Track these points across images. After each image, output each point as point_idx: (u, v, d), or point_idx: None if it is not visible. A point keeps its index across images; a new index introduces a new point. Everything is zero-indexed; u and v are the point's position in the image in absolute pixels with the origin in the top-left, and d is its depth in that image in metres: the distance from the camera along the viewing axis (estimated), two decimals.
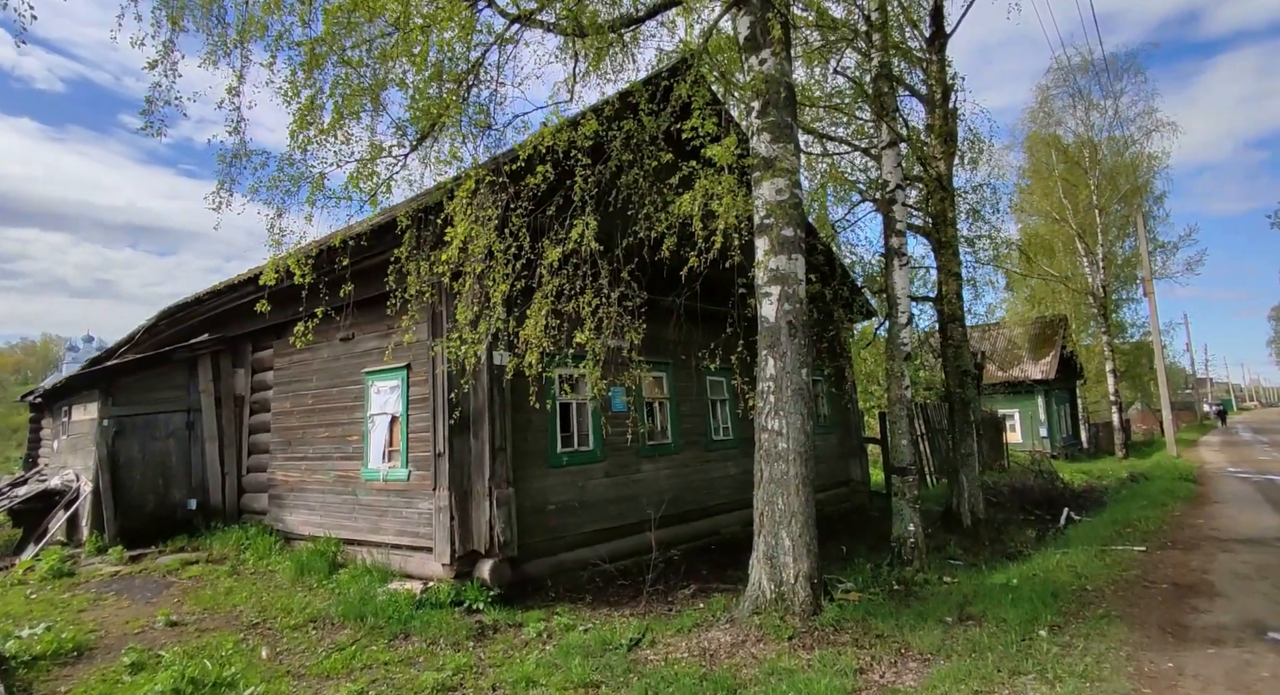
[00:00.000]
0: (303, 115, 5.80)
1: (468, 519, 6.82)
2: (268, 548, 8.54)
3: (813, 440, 5.94)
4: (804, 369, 5.91)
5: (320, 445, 8.77)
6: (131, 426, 9.23)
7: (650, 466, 9.15)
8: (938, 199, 11.36)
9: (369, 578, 7.15)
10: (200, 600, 6.89)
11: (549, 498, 7.66)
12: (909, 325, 8.09)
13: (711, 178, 5.29)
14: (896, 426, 8.05)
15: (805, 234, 6.41)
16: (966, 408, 11.11)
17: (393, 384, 7.86)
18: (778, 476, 5.82)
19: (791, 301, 5.93)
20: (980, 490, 11.02)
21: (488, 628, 6.03)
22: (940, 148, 11.65)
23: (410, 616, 6.12)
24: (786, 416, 5.83)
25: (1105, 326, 26.66)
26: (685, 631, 5.76)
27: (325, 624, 6.16)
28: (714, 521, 9.95)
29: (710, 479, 10.09)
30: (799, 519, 5.75)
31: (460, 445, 6.91)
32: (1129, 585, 6.42)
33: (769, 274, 5.99)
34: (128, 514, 9.00)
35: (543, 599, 6.96)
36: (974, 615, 5.77)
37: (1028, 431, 27.35)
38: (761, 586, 5.80)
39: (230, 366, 10.24)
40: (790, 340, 5.89)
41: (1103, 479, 17.73)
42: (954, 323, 11.39)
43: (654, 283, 8.16)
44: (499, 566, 6.72)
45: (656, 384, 9.57)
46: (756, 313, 6.14)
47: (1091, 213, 27.14)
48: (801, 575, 5.67)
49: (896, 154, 8.31)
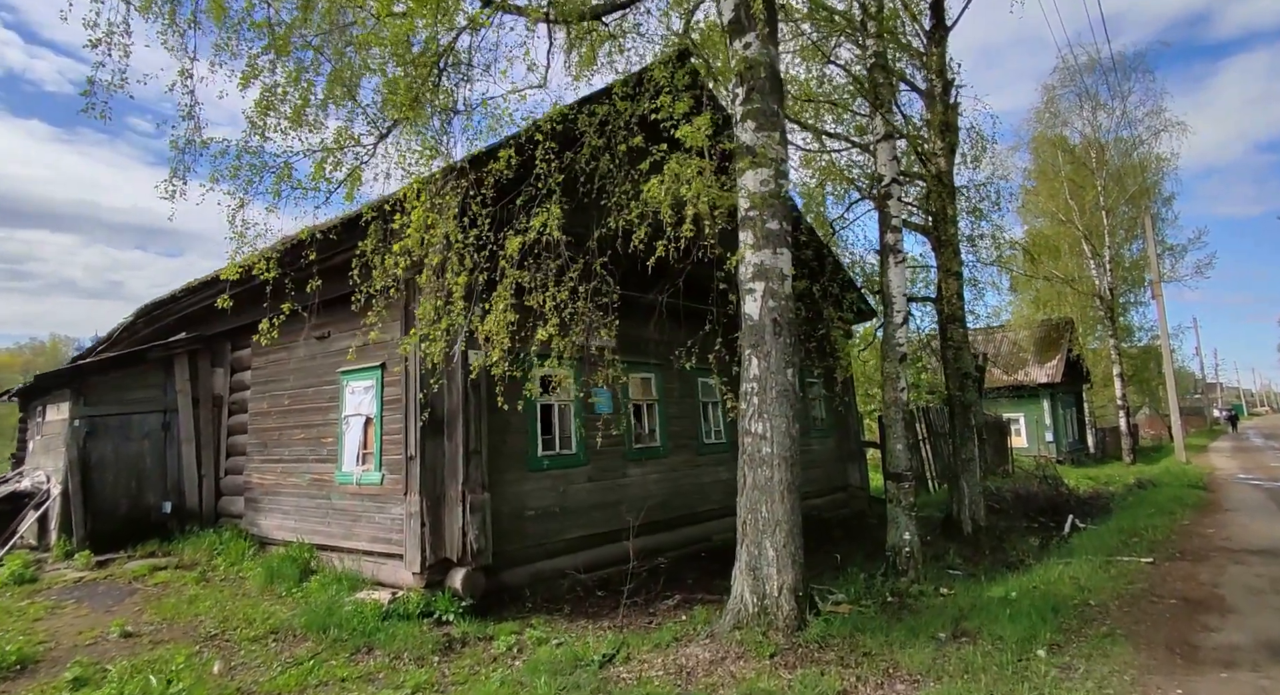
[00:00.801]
0: (264, 100, 5.53)
1: (440, 525, 6.52)
2: (240, 553, 8.27)
3: (798, 444, 5.63)
4: (789, 369, 5.60)
5: (296, 447, 8.50)
6: (104, 427, 8.98)
7: (637, 471, 8.84)
8: (938, 196, 11.02)
9: (338, 586, 6.86)
10: (162, 609, 6.61)
11: (528, 503, 7.36)
12: (905, 325, 7.76)
13: (682, 161, 4.98)
14: (892, 430, 7.72)
15: (792, 228, 6.10)
16: (967, 411, 10.75)
17: (367, 384, 7.58)
18: (761, 482, 5.51)
19: (776, 298, 5.62)
20: (982, 497, 10.66)
21: (456, 641, 5.73)
22: (940, 143, 11.31)
23: (376, 628, 5.83)
24: (770, 419, 5.51)
25: (1112, 330, 26.22)
26: (663, 647, 5.45)
27: (287, 636, 5.87)
28: (704, 528, 9.62)
29: (701, 484, 9.77)
30: (783, 528, 5.43)
31: (433, 448, 6.62)
32: (1135, 600, 6.06)
33: (752, 269, 5.68)
34: (98, 517, 8.75)
35: (519, 610, 6.65)
36: (969, 631, 5.44)
37: (1033, 436, 26.89)
38: (743, 599, 5.48)
39: (209, 366, 9.98)
40: (775, 339, 5.57)
41: (1109, 485, 17.31)
42: (954, 323, 11.03)
43: (636, 280, 7.86)
44: (472, 575, 6.42)
45: (644, 385, 9.27)
46: (739, 310, 5.83)
47: (1098, 214, 26.71)
48: (785, 588, 5.35)
49: (892, 147, 8.00)
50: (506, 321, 4.79)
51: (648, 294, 6.95)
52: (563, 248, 4.88)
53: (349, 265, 6.67)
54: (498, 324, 4.80)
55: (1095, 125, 26.80)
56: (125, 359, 9.32)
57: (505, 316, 4.79)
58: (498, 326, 4.80)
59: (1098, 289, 26.58)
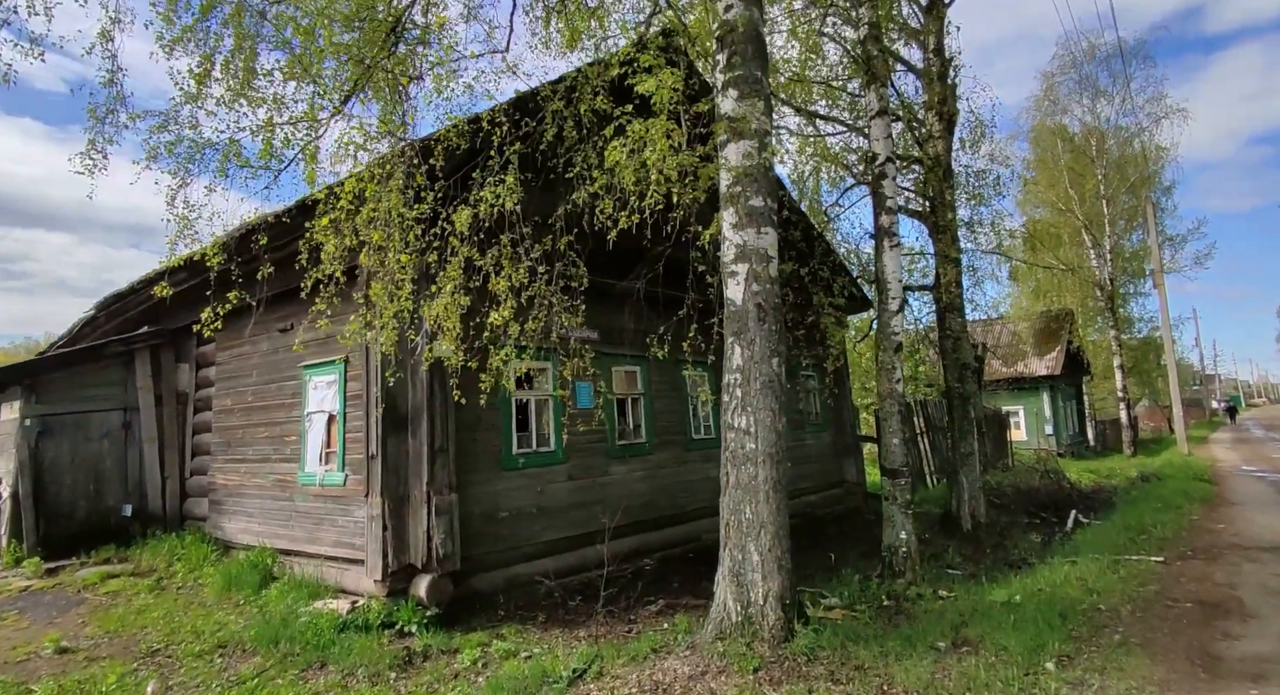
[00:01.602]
0: (202, 70, 5.06)
1: (403, 529, 6.08)
2: (200, 559, 7.83)
3: (785, 440, 5.19)
4: (775, 358, 5.16)
5: (260, 446, 8.06)
6: (59, 426, 8.53)
7: (621, 468, 8.41)
8: (935, 179, 10.59)
9: (297, 594, 6.42)
10: (108, 621, 6.18)
11: (501, 504, 6.92)
12: (901, 313, 7.33)
13: (649, 124, 4.52)
14: (888, 424, 7.29)
15: (778, 207, 5.65)
16: (966, 404, 10.33)
17: (329, 379, 7.13)
18: (745, 481, 5.08)
19: (761, 281, 5.18)
20: (982, 492, 10.26)
21: (416, 655, 5.30)
22: (938, 125, 10.87)
23: (331, 642, 5.40)
24: (755, 413, 5.08)
25: (1113, 320, 25.81)
26: (639, 660, 5.02)
27: (235, 651, 5.44)
28: (693, 527, 9.20)
29: (689, 481, 9.34)
30: (769, 530, 5.00)
31: (395, 446, 6.18)
32: (1148, 604, 5.64)
33: (735, 250, 5.23)
34: (53, 521, 8.30)
35: (490, 618, 6.23)
36: (970, 640, 5.02)
37: (1033, 429, 26.51)
38: (727, 608, 5.05)
39: (172, 361, 9.52)
40: (759, 326, 5.13)
41: (1111, 478, 16.93)
42: (952, 313, 10.61)
43: (616, 267, 7.42)
44: (438, 583, 5.98)
45: (628, 379, 8.83)
46: (721, 295, 5.39)
47: (1099, 203, 26.27)
48: (771, 595, 4.93)
49: (886, 125, 7.54)
50: (457, 305, 4.34)
51: (623, 280, 6.49)
52: (520, 222, 4.42)
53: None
54: (446, 308, 4.35)
55: (1095, 113, 26.35)
56: (81, 354, 8.86)
57: (455, 299, 4.35)
58: (447, 311, 4.36)
59: (1098, 279, 26.14)
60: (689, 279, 5.94)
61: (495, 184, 4.38)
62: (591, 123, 5.10)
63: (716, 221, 5.01)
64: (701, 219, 5.46)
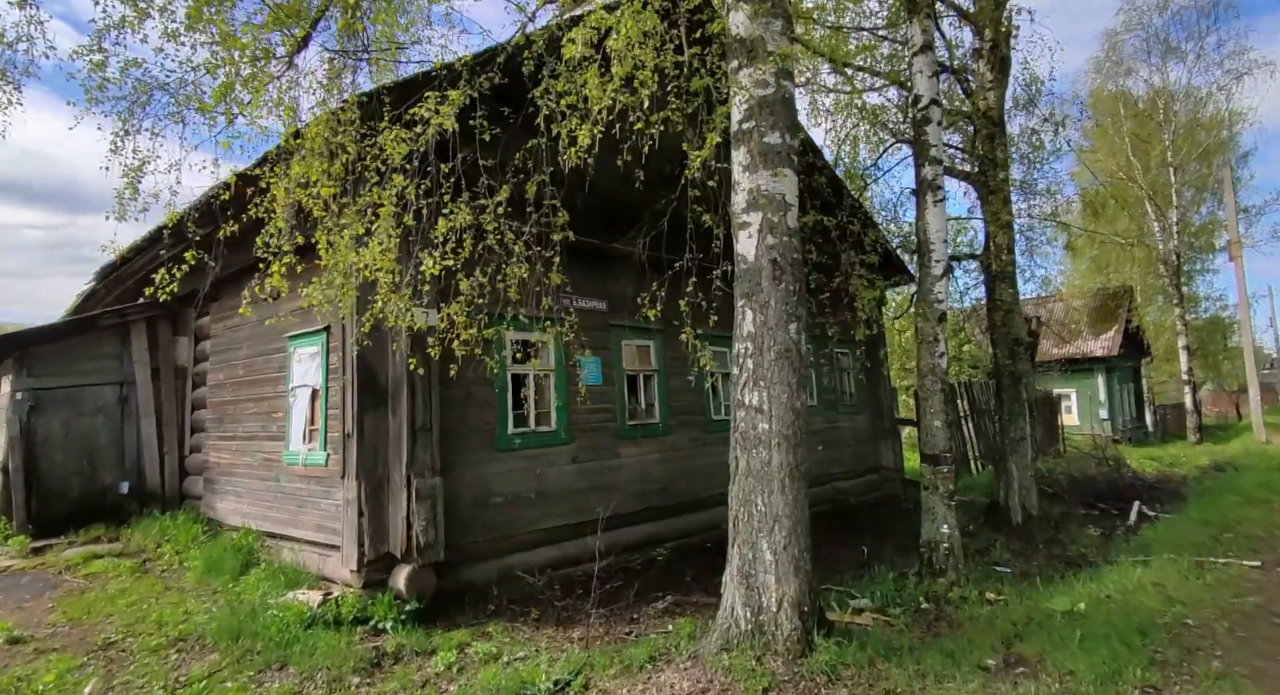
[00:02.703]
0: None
1: (381, 515, 5.52)
2: (189, 539, 7.46)
3: (806, 420, 4.42)
4: (793, 324, 4.38)
5: (248, 423, 7.62)
6: (52, 400, 8.24)
7: (632, 451, 7.74)
8: (985, 136, 9.52)
9: (273, 582, 5.95)
10: (75, 607, 5.80)
11: (495, 488, 6.32)
12: (946, 277, 6.42)
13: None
14: (929, 404, 6.44)
15: (800, 148, 4.82)
16: (1018, 384, 9.34)
17: (313, 351, 6.60)
18: (757, 468, 4.34)
19: (777, 233, 4.38)
20: (1034, 480, 9.29)
21: (387, 656, 4.75)
22: (989, 74, 9.76)
23: (295, 638, 4.89)
24: (768, 387, 4.32)
25: (1178, 298, 23.96)
26: (633, 671, 4.37)
27: (193, 645, 4.97)
28: (711, 515, 8.47)
29: (708, 465, 8.61)
30: (784, 524, 4.26)
31: (374, 424, 5.60)
32: (1248, 620, 4.72)
33: (747, 197, 4.44)
34: (46, 499, 8.04)
35: (477, 614, 5.65)
36: (1027, 659, 4.22)
37: (1086, 413, 24.95)
38: (734, 613, 4.35)
39: (170, 334, 9.17)
40: (774, 286, 4.35)
41: (1176, 467, 15.62)
42: (1003, 282, 9.59)
43: (621, 229, 6.70)
44: (418, 574, 5.42)
45: (641, 354, 8.11)
46: (732, 251, 4.62)
47: (1165, 172, 24.32)
48: (786, 601, 4.20)
49: (931, 62, 6.58)
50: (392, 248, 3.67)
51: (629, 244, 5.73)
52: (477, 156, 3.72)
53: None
54: (376, 255, 3.69)
55: (1164, 72, 24.25)
56: (74, 326, 8.55)
57: (390, 240, 3.67)
58: (378, 259, 3.69)
59: (1162, 253, 24.26)
60: (688, 230, 5.16)
61: (438, 102, 3.69)
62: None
63: (709, 143, 4.22)
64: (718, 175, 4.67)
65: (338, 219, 3.92)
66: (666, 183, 5.88)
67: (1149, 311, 27.50)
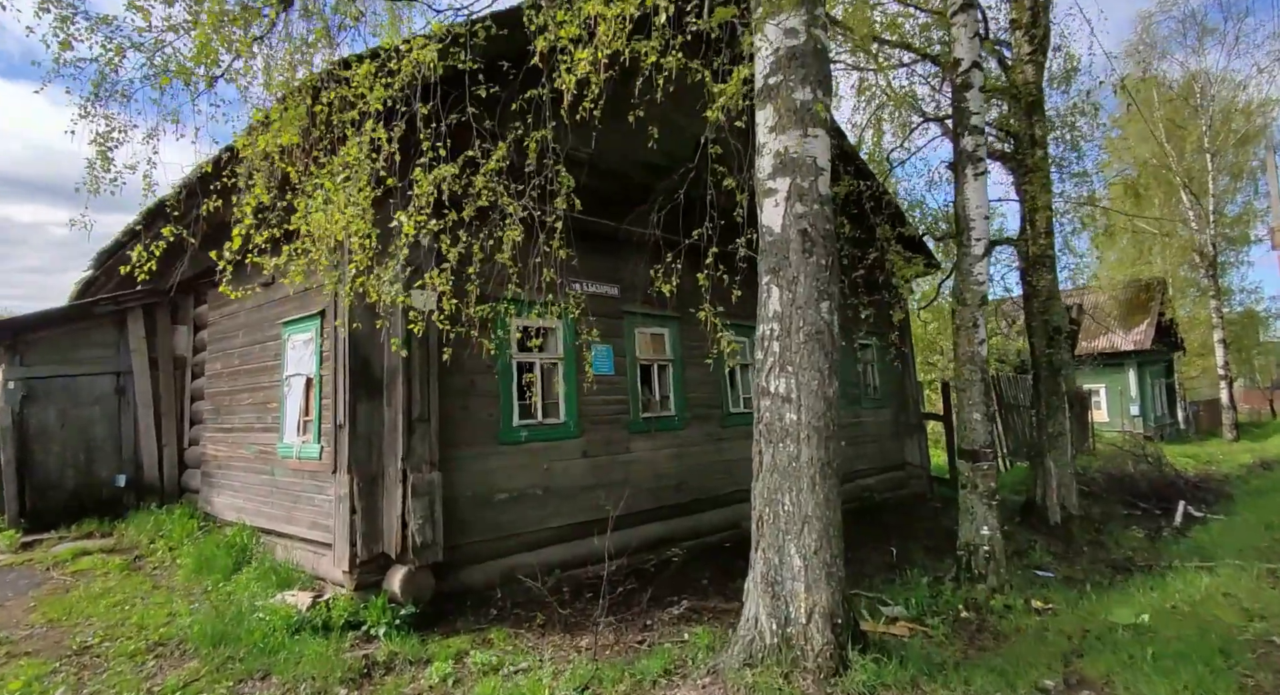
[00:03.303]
0: None
1: (375, 512, 5.14)
2: (183, 535, 7.15)
3: (837, 410, 3.96)
4: (825, 302, 3.91)
5: (244, 414, 7.29)
6: (46, 390, 7.98)
7: (645, 445, 7.30)
8: (1023, 111, 8.94)
9: (264, 583, 5.60)
10: (57, 606, 5.49)
11: (499, 484, 5.92)
12: (986, 257, 5.90)
13: None
14: (967, 396, 5.93)
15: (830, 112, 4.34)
16: (1056, 375, 8.79)
17: (307, 336, 6.23)
18: (783, 463, 3.88)
19: (807, 201, 3.92)
20: (1073, 478, 8.75)
21: (377, 666, 4.36)
22: (1026, 47, 9.18)
23: (281, 645, 4.53)
24: (797, 373, 3.86)
25: (1214, 290, 23.04)
26: (645, 685, 3.95)
27: (173, 651, 4.62)
28: (731, 513, 8.05)
29: (727, 461, 8.17)
30: (815, 526, 3.81)
31: (367, 414, 5.22)
32: None
33: (774, 160, 3.98)
34: (40, 492, 7.78)
35: (479, 618, 5.26)
36: (1091, 681, 3.74)
37: (1115, 409, 24.13)
38: (759, 624, 3.90)
39: (168, 322, 8.88)
40: (804, 259, 3.89)
41: (1215, 465, 14.92)
42: (1041, 268, 9.02)
43: (632, 208, 6.27)
44: (414, 576, 5.03)
45: (655, 342, 7.67)
46: (756, 222, 4.16)
47: (1201, 158, 23.36)
48: (818, 611, 3.75)
49: (973, 22, 6.04)
50: (366, 212, 3.24)
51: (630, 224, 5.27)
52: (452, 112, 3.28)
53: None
54: (348, 215, 3.27)
55: (1202, 54, 23.29)
56: (69, 313, 8.28)
57: (360, 195, 3.24)
58: (351, 220, 3.27)
59: (1197, 243, 23.34)
60: (710, 198, 4.69)
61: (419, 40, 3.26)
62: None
63: (735, 80, 3.75)
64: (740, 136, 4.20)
65: (305, 173, 3.52)
66: (681, 162, 5.43)
67: (1182, 304, 26.59)
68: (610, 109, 5.85)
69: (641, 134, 4.86)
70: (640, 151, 7.01)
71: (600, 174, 6.43)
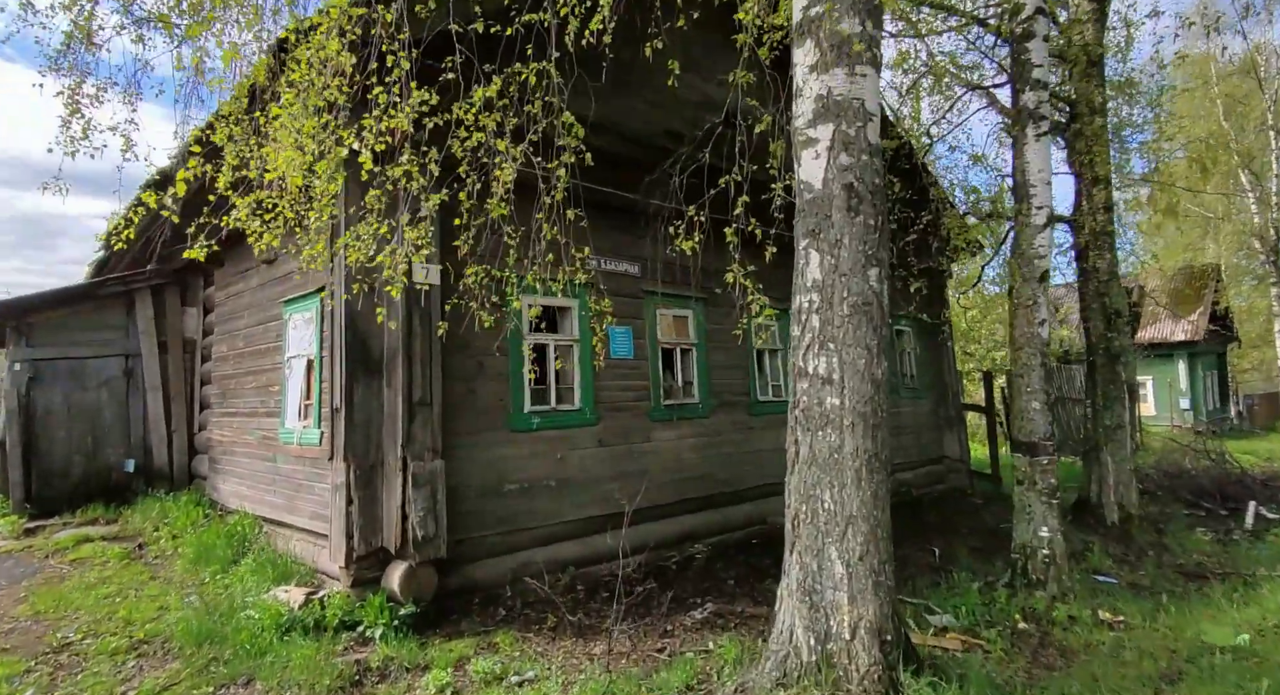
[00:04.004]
0: None
1: (373, 503, 4.76)
2: (187, 523, 6.89)
3: (885, 392, 3.43)
4: (874, 269, 3.38)
5: (248, 398, 6.99)
6: (52, 372, 7.77)
7: (667, 434, 6.83)
8: (1080, 71, 8.19)
9: (262, 575, 5.27)
10: (47, 598, 5.22)
11: (508, 474, 5.50)
12: (1049, 227, 5.28)
13: None
14: (1025, 381, 5.34)
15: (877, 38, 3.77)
16: (1115, 363, 8.09)
17: (307, 316, 5.87)
18: (824, 454, 3.37)
19: (853, 151, 3.38)
20: (1132, 475, 8.05)
21: (370, 673, 3.98)
22: (1086, 4, 8.42)
23: (269, 647, 4.17)
24: (840, 350, 3.34)
25: (1275, 276, 21.71)
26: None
27: (156, 651, 4.29)
28: (757, 507, 7.56)
29: (754, 452, 7.67)
30: (860, 528, 3.30)
31: (365, 397, 4.83)
32: None
33: (815, 104, 3.44)
34: (46, 477, 7.59)
35: (485, 620, 4.85)
36: None
37: (1164, 402, 23.02)
38: (795, 639, 3.41)
39: (178, 304, 8.63)
40: (849, 218, 3.35)
41: (1276, 462, 13.93)
42: (1100, 247, 8.30)
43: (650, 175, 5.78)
44: (415, 573, 4.64)
45: (678, 325, 7.17)
46: (794, 178, 3.63)
47: (1263, 136, 21.96)
48: (864, 627, 3.24)
49: None
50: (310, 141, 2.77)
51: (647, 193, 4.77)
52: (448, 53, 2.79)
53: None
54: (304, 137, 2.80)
55: (1271, 15, 21.75)
56: (76, 294, 8.06)
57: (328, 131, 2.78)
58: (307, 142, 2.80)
59: (1257, 227, 21.99)
60: (740, 146, 4.16)
61: None
62: None
63: (795, 76, 3.22)
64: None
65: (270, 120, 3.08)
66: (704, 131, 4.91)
67: (1237, 293, 25.22)
68: (628, 74, 5.35)
69: (660, 102, 4.39)
70: (660, 118, 6.51)
71: (618, 139, 5.95)
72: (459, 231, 3.50)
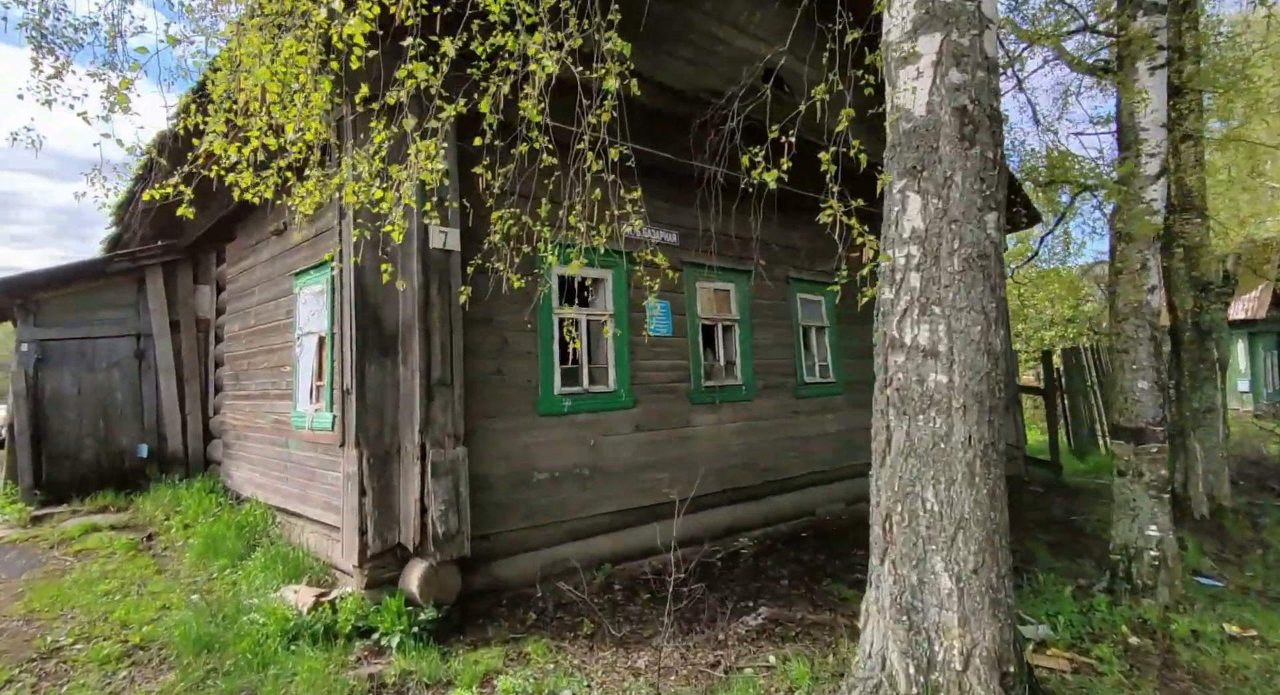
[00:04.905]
0: None
1: (389, 494, 4.25)
2: (200, 512, 6.50)
3: (1005, 368, 2.79)
4: (991, 214, 2.72)
5: (260, 379, 6.55)
6: (61, 353, 7.43)
7: (708, 418, 6.24)
8: (1173, 13, 7.28)
9: (272, 571, 4.83)
10: (46, 593, 4.84)
11: (538, 462, 4.96)
12: (1163, 178, 4.52)
13: None
14: (1129, 358, 4.62)
15: None
16: (1205, 340, 7.28)
17: (318, 288, 5.36)
18: (925, 444, 2.75)
19: (966, 66, 2.71)
20: (1224, 463, 7.27)
21: (385, 689, 3.48)
22: None
23: (273, 656, 3.70)
24: (949, 316, 2.70)
25: None
26: None
27: (151, 659, 3.85)
28: (805, 497, 6.97)
29: (801, 438, 7.06)
30: (975, 535, 2.68)
31: (379, 377, 4.30)
32: None
33: (917, 10, 2.77)
34: (56, 462, 7.28)
35: (514, 625, 4.34)
36: None
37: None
38: (887, 665, 2.82)
39: (190, 282, 8.22)
40: (962, 151, 2.69)
41: None
42: (1187, 212, 7.45)
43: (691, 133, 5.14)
44: (436, 573, 4.14)
45: (719, 300, 6.55)
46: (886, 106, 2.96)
47: None
48: (979, 654, 2.64)
49: None
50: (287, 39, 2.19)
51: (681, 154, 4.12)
52: None
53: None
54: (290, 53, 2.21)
55: None
56: (84, 271, 7.69)
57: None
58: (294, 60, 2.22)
59: None
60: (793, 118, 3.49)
61: None
62: None
63: None
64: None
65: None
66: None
67: None
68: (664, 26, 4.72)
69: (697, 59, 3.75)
70: (694, 75, 5.84)
71: (656, 90, 5.30)
72: (479, 155, 2.91)
